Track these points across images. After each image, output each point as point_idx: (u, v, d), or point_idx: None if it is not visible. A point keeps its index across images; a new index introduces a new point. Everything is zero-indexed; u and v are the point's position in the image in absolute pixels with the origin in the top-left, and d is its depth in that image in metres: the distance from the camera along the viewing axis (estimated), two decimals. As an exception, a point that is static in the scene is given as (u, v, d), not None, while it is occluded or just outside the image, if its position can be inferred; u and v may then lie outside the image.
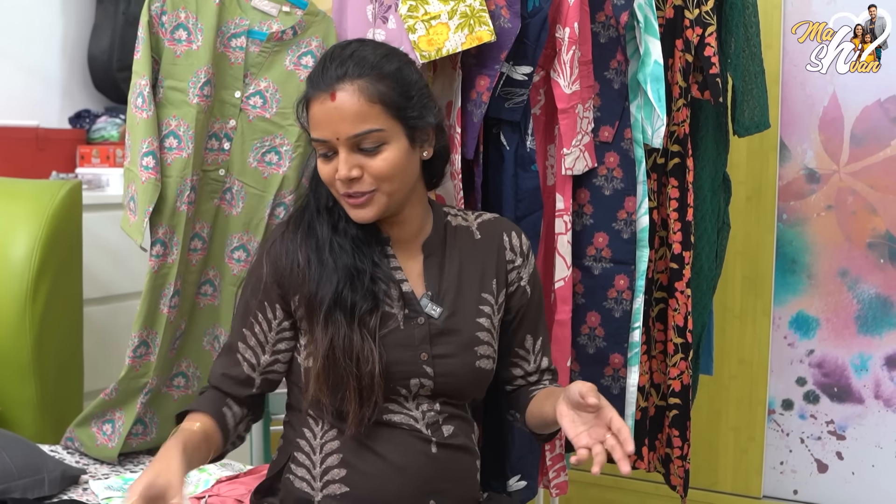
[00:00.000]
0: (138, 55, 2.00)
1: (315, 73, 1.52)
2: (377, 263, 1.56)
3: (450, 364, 1.57)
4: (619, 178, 2.02)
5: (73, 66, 3.24)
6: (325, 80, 1.49)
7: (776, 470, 2.89)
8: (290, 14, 2.09)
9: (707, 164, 2.13)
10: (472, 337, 1.59)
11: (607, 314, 2.04)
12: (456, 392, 1.59)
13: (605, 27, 2.00)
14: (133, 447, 2.11)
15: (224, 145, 2.07)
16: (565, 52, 1.91)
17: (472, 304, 1.61)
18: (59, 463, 1.92)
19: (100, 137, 3.08)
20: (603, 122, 2.02)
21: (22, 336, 2.20)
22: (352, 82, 1.48)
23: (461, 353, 1.58)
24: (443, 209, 1.69)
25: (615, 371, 2.05)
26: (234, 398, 1.60)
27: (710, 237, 2.15)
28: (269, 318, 1.59)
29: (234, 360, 1.60)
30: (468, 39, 1.81)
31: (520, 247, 1.69)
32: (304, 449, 1.58)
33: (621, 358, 2.04)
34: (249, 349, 1.60)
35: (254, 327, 1.59)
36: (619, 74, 2.02)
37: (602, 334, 2.05)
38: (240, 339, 1.61)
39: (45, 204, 2.26)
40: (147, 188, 1.96)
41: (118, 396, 2.07)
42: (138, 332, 2.03)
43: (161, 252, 2.01)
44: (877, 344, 2.75)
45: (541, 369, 1.72)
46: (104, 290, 2.60)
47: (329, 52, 1.55)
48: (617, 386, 2.06)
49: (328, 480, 1.54)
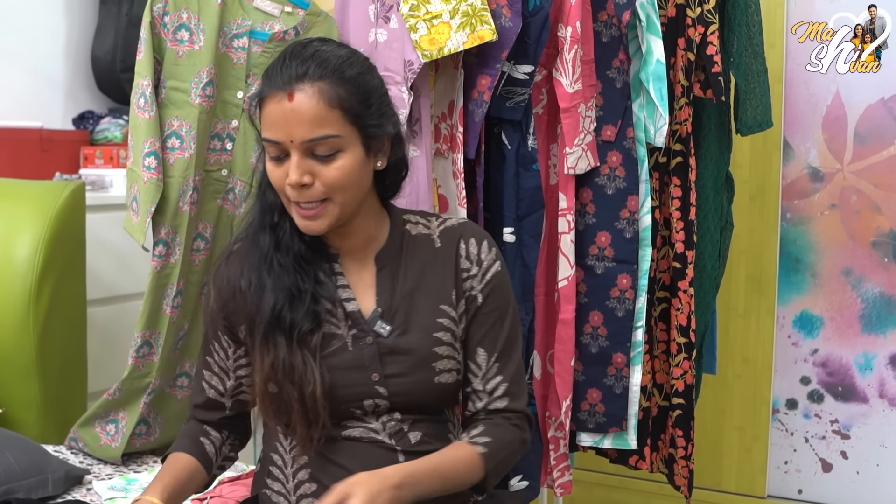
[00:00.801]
0: (140, 56, 2.01)
1: (273, 69, 1.43)
2: (321, 281, 1.49)
3: (404, 383, 1.48)
4: (621, 177, 2.01)
5: (77, 67, 3.24)
6: (284, 77, 1.40)
7: (780, 469, 2.89)
8: (293, 14, 2.09)
9: (710, 162, 2.13)
10: (428, 353, 1.49)
11: (610, 313, 2.04)
12: (417, 407, 1.50)
13: (608, 26, 2.01)
14: (136, 447, 2.11)
15: (227, 145, 2.07)
16: (567, 51, 1.91)
17: (428, 317, 1.51)
18: (62, 463, 1.92)
19: (103, 138, 3.09)
20: (605, 122, 2.02)
21: (25, 336, 2.20)
22: (311, 83, 1.40)
23: (416, 370, 1.49)
24: (403, 216, 1.59)
25: (618, 370, 2.05)
26: (210, 424, 1.60)
27: (713, 236, 2.15)
28: (224, 346, 1.56)
29: (201, 387, 1.59)
30: (470, 38, 1.82)
31: (476, 255, 1.55)
32: (278, 463, 1.54)
33: (624, 357, 2.04)
34: (215, 376, 1.58)
35: (213, 355, 1.58)
36: (622, 73, 2.02)
37: (605, 333, 2.04)
38: (204, 366, 1.59)
39: (49, 205, 2.26)
40: (149, 188, 1.97)
41: (121, 397, 2.08)
42: (141, 333, 2.03)
43: (164, 252, 2.01)
44: (881, 343, 2.74)
45: (491, 396, 1.53)
46: (107, 291, 2.61)
47: (290, 48, 1.46)
48: (620, 385, 2.05)
49: (301, 494, 1.50)
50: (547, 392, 2.06)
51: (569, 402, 2.02)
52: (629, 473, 2.72)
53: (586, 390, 2.06)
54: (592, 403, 2.06)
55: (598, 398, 2.06)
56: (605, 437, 2.09)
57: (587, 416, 2.07)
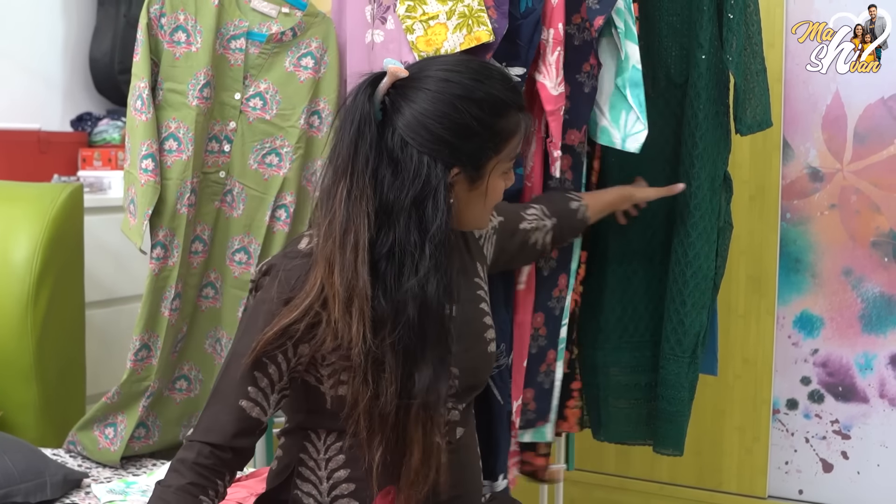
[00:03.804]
0: (137, 58, 2.00)
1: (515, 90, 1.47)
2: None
3: (468, 358, 1.53)
4: (569, 180, 2.05)
5: (75, 68, 3.24)
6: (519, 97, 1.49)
7: (781, 470, 2.88)
8: (290, 15, 2.08)
9: (707, 163, 2.12)
10: (480, 324, 1.58)
11: (549, 313, 2.07)
12: (475, 382, 1.58)
13: (580, 30, 1.99)
14: (135, 450, 2.11)
15: (224, 147, 2.07)
16: (550, 53, 1.90)
17: (471, 290, 1.60)
18: (61, 466, 1.91)
19: (101, 140, 3.08)
20: (571, 126, 2.01)
21: (24, 339, 2.20)
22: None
23: (475, 343, 1.56)
24: None
25: (548, 367, 2.09)
26: (231, 459, 1.42)
27: (710, 237, 2.14)
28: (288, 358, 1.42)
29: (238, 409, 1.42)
30: (466, 40, 1.81)
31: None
32: (309, 464, 1.51)
33: (555, 353, 2.09)
34: (260, 392, 1.42)
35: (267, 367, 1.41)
36: (591, 78, 2.01)
37: (545, 333, 2.07)
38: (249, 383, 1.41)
39: (47, 207, 2.26)
40: (146, 191, 1.96)
41: (120, 400, 2.07)
42: (140, 336, 2.02)
43: (162, 255, 2.00)
44: (881, 343, 2.74)
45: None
46: (106, 293, 2.60)
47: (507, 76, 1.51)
48: (548, 381, 2.10)
49: (336, 495, 1.49)
50: None
51: (519, 403, 2.04)
52: (629, 474, 2.72)
53: (523, 390, 2.08)
54: (525, 402, 2.08)
55: (531, 396, 2.08)
56: (526, 433, 2.11)
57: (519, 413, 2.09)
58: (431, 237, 1.37)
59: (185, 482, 1.38)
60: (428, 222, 1.37)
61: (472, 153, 1.42)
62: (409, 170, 1.37)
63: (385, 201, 1.37)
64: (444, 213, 1.38)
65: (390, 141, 1.39)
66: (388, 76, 1.41)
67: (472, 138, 1.41)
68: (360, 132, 1.38)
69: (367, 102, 1.40)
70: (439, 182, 1.38)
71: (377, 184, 1.37)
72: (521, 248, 1.84)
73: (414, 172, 1.37)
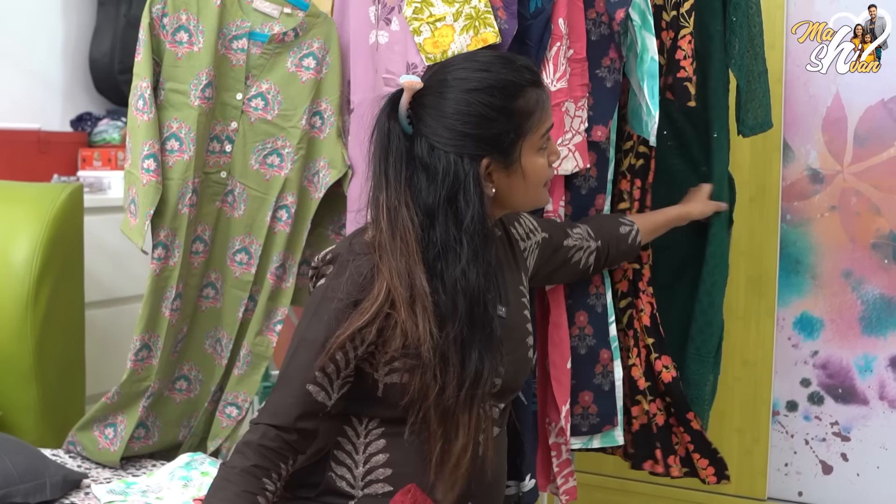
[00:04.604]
0: (139, 57, 2.00)
1: (521, 70, 1.54)
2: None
3: (513, 360, 1.59)
4: (594, 176, 2.02)
5: (75, 68, 3.24)
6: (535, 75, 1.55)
7: (781, 472, 2.88)
8: (292, 16, 2.08)
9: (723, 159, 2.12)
10: (524, 329, 1.64)
11: (592, 311, 2.05)
12: (515, 385, 1.63)
13: (597, 24, 1.98)
14: (135, 451, 2.10)
15: (226, 147, 2.06)
16: (549, 49, 1.90)
17: (516, 296, 1.65)
18: (60, 467, 1.91)
19: (101, 140, 3.08)
20: (596, 122, 1.99)
21: (23, 340, 2.20)
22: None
23: (518, 347, 1.62)
24: None
25: (604, 367, 2.06)
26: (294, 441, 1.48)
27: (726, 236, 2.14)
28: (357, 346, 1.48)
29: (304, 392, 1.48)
30: (473, 41, 1.81)
31: (524, 230, 1.76)
32: (346, 448, 1.55)
33: (609, 353, 2.06)
34: (326, 377, 1.48)
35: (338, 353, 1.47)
36: (612, 72, 2.00)
37: (591, 332, 2.05)
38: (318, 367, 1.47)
39: (47, 207, 2.26)
40: (148, 191, 1.96)
41: (120, 400, 2.07)
42: (140, 336, 2.02)
43: (162, 255, 2.00)
44: (881, 345, 2.74)
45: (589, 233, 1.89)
46: (106, 294, 2.60)
47: (510, 57, 1.57)
48: (607, 382, 2.06)
49: (371, 480, 1.52)
50: (545, 396, 2.05)
51: (568, 407, 2.01)
52: (630, 476, 2.71)
53: (578, 393, 2.05)
54: (585, 406, 2.05)
55: (590, 399, 2.06)
56: (594, 438, 2.09)
57: (580, 419, 2.06)
58: (466, 228, 1.47)
59: (250, 464, 1.44)
60: (462, 215, 1.47)
61: (495, 139, 1.50)
62: (439, 171, 1.48)
63: (425, 205, 1.48)
64: (477, 205, 1.47)
65: (420, 150, 1.49)
66: (406, 91, 1.50)
67: (491, 126, 1.49)
68: (391, 149, 1.50)
69: (393, 122, 1.50)
70: (467, 176, 1.48)
71: (415, 192, 1.49)
72: (562, 265, 1.88)
73: (444, 172, 1.48)
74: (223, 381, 2.15)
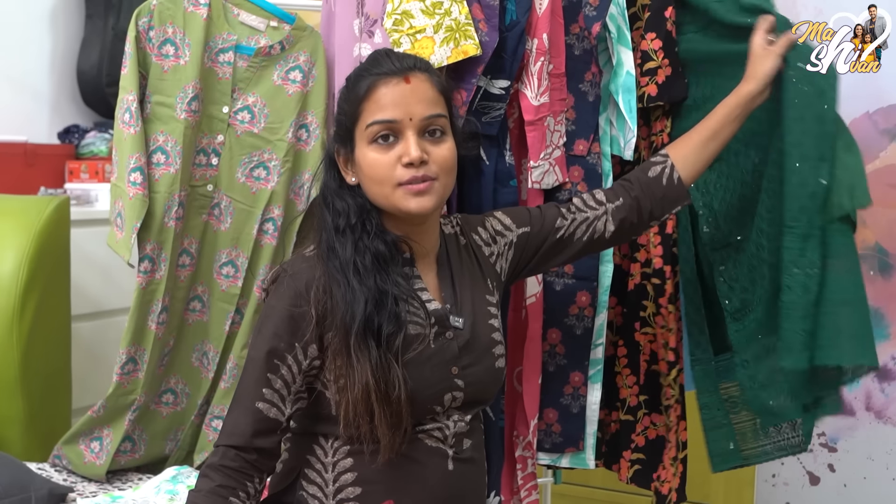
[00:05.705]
0: (125, 70, 2.00)
1: (378, 62, 1.54)
2: (398, 283, 1.52)
3: (476, 372, 1.57)
4: (582, 192, 2.00)
5: (63, 81, 3.24)
6: (398, 65, 1.52)
7: (768, 483, 2.89)
8: (278, 29, 2.09)
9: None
10: (489, 340, 1.61)
11: (569, 331, 2.02)
12: (482, 397, 1.62)
13: (580, 39, 1.99)
14: (121, 464, 2.10)
15: (212, 160, 2.07)
16: (533, 63, 1.90)
17: (481, 307, 1.63)
18: (46, 481, 1.91)
19: (89, 153, 3.08)
20: (577, 136, 2.00)
21: (9, 352, 2.19)
22: (421, 72, 1.54)
23: (483, 358, 1.59)
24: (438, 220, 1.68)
25: (575, 389, 2.04)
26: (257, 459, 1.49)
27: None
28: (298, 360, 1.49)
29: (255, 411, 1.48)
30: (454, 53, 1.81)
31: (488, 234, 1.71)
32: (315, 466, 1.54)
33: (581, 376, 2.03)
34: (275, 393, 1.49)
35: (279, 370, 1.49)
36: (594, 87, 2.01)
37: (562, 352, 2.03)
38: (264, 384, 1.48)
39: (33, 220, 2.25)
40: (134, 204, 1.96)
41: (106, 413, 2.06)
42: (126, 349, 2.02)
43: (149, 268, 2.00)
44: (867, 356, 2.74)
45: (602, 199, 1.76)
46: (92, 306, 2.59)
47: (382, 51, 1.60)
48: (577, 405, 2.04)
49: (342, 499, 1.52)
50: (514, 410, 2.04)
51: (536, 421, 2.01)
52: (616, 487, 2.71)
53: (543, 410, 2.04)
54: (549, 423, 2.05)
55: (554, 418, 2.05)
56: (563, 457, 2.08)
57: (543, 435, 2.05)
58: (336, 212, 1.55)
59: (215, 485, 1.46)
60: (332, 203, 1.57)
61: (340, 126, 1.58)
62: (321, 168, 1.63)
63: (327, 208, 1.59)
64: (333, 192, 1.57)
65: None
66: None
67: (340, 114, 1.59)
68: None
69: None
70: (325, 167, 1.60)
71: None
72: (557, 247, 1.74)
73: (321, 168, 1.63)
74: (210, 395, 2.15)
